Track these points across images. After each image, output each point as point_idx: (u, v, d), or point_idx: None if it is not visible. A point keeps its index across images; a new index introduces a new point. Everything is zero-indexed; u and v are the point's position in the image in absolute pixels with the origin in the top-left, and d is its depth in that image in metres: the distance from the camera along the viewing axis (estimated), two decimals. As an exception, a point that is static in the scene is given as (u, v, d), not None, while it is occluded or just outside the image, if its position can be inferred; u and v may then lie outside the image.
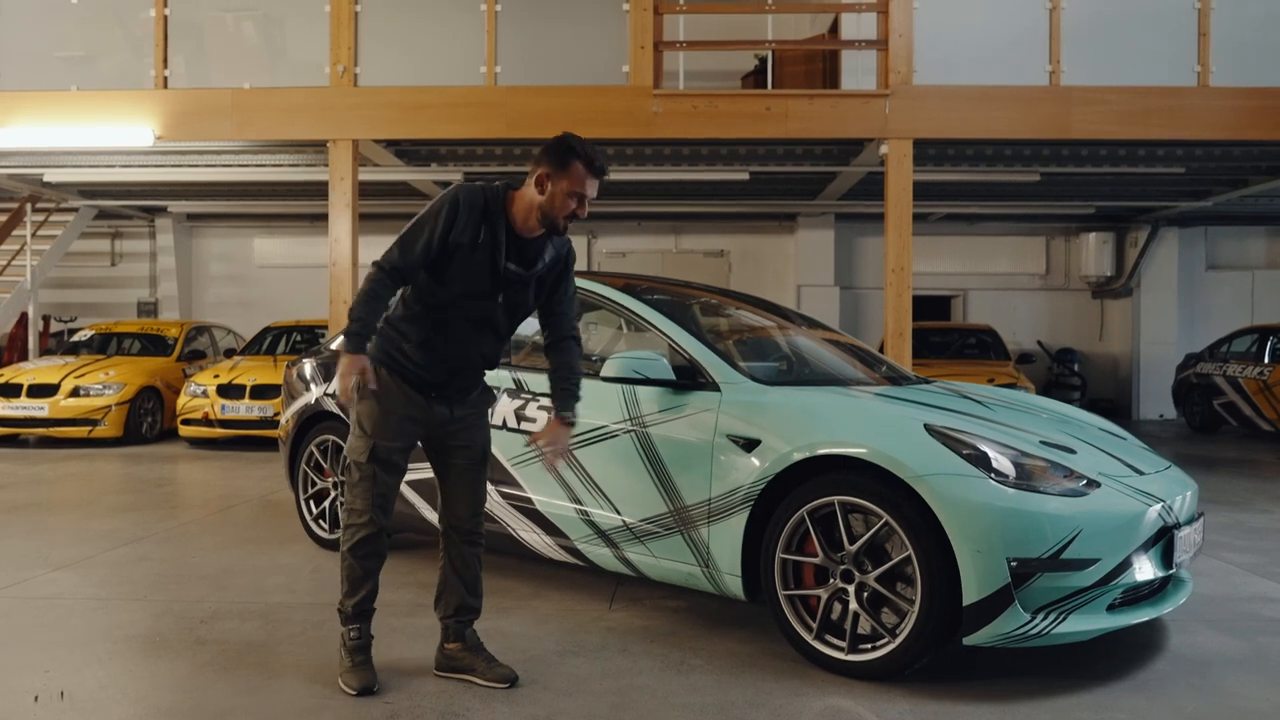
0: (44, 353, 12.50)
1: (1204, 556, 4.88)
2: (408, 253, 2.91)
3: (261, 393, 9.38)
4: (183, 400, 9.65)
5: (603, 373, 3.74)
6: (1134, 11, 8.45)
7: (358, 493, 3.04)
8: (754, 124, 8.38)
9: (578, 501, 3.88)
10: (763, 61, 9.41)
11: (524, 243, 2.99)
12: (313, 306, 12.44)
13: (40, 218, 12.49)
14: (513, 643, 3.50)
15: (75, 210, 12.89)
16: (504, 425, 4.10)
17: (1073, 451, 3.40)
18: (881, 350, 8.37)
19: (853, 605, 3.15)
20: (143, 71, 8.81)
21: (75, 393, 9.65)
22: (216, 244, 14.67)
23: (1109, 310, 14.42)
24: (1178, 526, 3.29)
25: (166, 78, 8.74)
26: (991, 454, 3.14)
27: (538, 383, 4.09)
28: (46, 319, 13.75)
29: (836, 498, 3.19)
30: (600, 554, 3.85)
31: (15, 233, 12.12)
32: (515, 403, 4.10)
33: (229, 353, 11.43)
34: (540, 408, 4.01)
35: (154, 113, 8.65)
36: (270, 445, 9.18)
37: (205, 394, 9.50)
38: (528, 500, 4.04)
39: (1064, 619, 3.02)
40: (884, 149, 8.35)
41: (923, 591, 3.01)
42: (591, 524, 3.84)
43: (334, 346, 3.03)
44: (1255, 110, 8.26)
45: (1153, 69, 8.38)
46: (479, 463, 3.19)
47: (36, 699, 2.97)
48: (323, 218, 10.85)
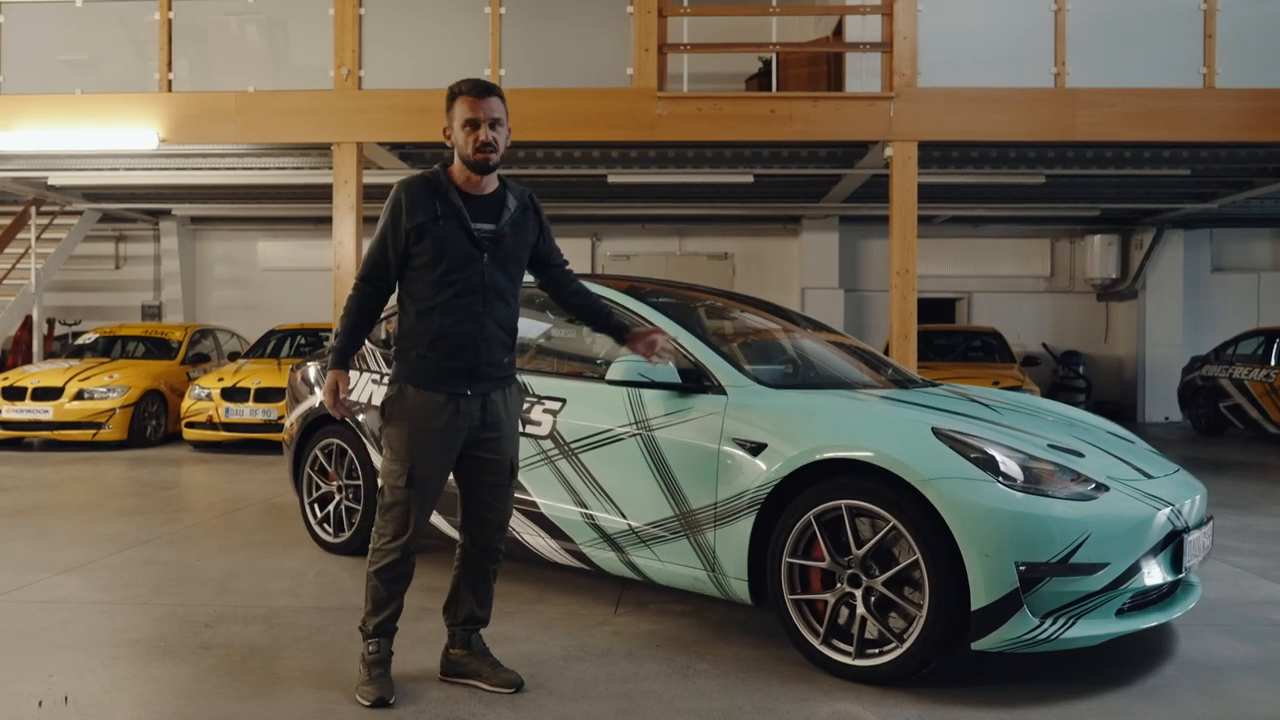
0: (48, 356, 12.51)
1: (1212, 560, 4.85)
2: (375, 257, 3.05)
3: (265, 396, 9.37)
4: (187, 403, 9.65)
5: (608, 376, 3.72)
6: (1139, 13, 8.43)
7: (390, 518, 2.99)
8: (758, 126, 8.37)
9: (583, 505, 3.86)
10: (767, 64, 9.40)
11: (481, 201, 3.08)
12: (317, 310, 12.44)
13: (45, 221, 12.49)
14: (518, 647, 3.49)
15: (80, 213, 12.89)
16: (509, 429, 4.08)
17: (1081, 455, 3.38)
18: (886, 353, 8.34)
19: (860, 610, 3.14)
20: (147, 75, 8.81)
21: (79, 396, 9.65)
22: (220, 247, 14.68)
23: (1114, 313, 14.39)
24: (1187, 530, 3.27)
25: (171, 81, 8.74)
26: (999, 457, 3.12)
27: (543, 386, 4.09)
28: (51, 322, 13.76)
29: (843, 502, 3.18)
30: (605, 558, 3.84)
31: (20, 236, 12.12)
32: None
33: (233, 356, 11.43)
34: (545, 410, 4.00)
35: (158, 116, 8.66)
36: (274, 449, 9.19)
37: (209, 397, 9.50)
38: (533, 504, 4.03)
39: (1073, 624, 3.00)
40: (888, 151, 8.33)
41: (930, 596, 2.99)
42: (597, 528, 3.82)
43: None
44: (1261, 112, 8.23)
45: (1158, 71, 8.35)
46: (508, 476, 3.14)
47: (40, 704, 2.96)
48: (327, 221, 10.83)
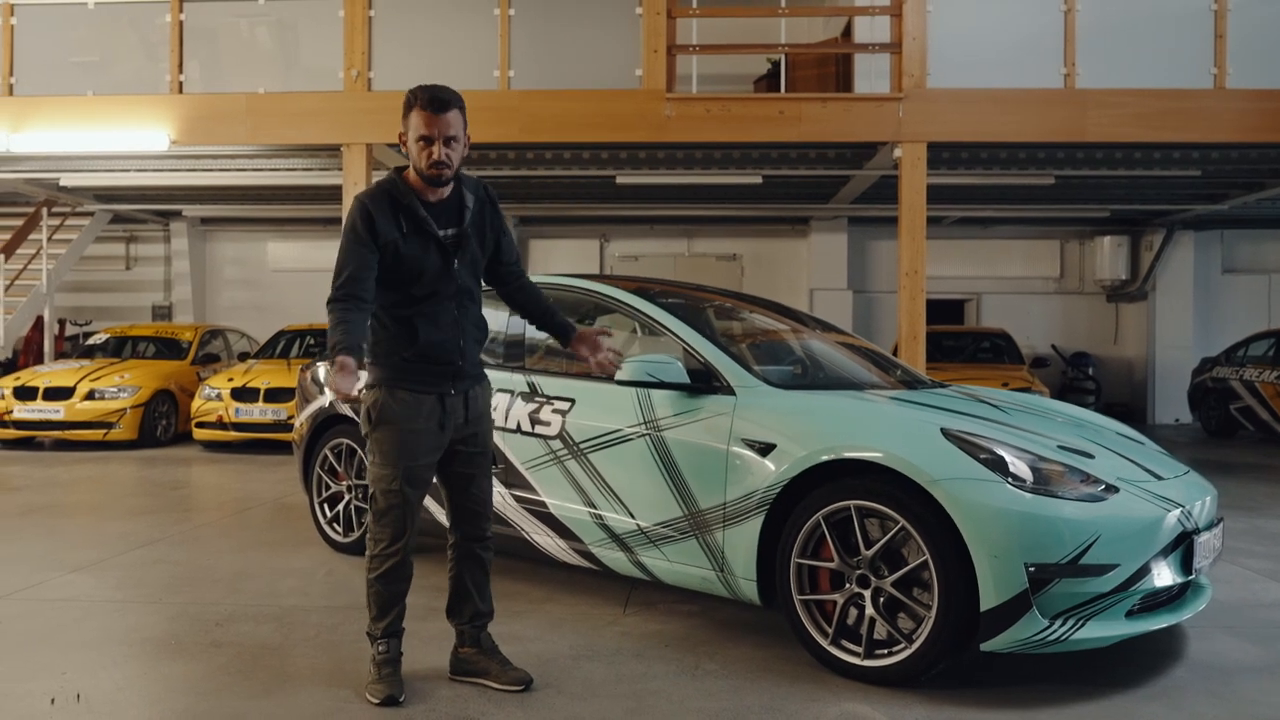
0: (59, 356, 12.58)
1: (1222, 562, 4.84)
2: (351, 268, 2.90)
3: (275, 396, 9.41)
4: (197, 403, 9.69)
5: (617, 376, 3.73)
6: (1149, 13, 8.40)
7: (386, 523, 3.00)
8: (767, 127, 8.37)
9: (591, 505, 3.87)
10: (776, 65, 9.39)
11: (443, 205, 3.03)
12: (326, 310, 12.46)
13: (56, 222, 12.56)
14: (526, 646, 3.49)
15: (91, 214, 12.96)
16: (518, 429, 4.10)
17: (1090, 456, 3.37)
18: (895, 354, 8.33)
19: (869, 610, 3.14)
20: (158, 76, 8.87)
21: (90, 396, 9.70)
22: (231, 248, 14.75)
23: (1124, 314, 14.34)
24: (1197, 532, 3.26)
25: (181, 83, 8.79)
26: (1009, 458, 3.11)
27: (552, 386, 4.10)
28: (62, 322, 13.83)
29: (852, 502, 3.17)
30: (614, 558, 3.85)
31: (31, 236, 12.18)
32: (529, 406, 4.10)
33: (243, 356, 11.48)
34: (554, 411, 4.01)
35: (169, 117, 8.70)
36: (284, 449, 9.21)
37: (219, 397, 9.54)
38: (541, 504, 4.03)
39: (1082, 625, 2.99)
40: (897, 152, 8.32)
41: (939, 597, 2.99)
42: (605, 528, 3.83)
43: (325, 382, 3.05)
44: (1272, 113, 8.19)
45: (1168, 71, 8.32)
46: (489, 463, 3.21)
47: (53, 701, 2.98)
48: (336, 222, 10.90)
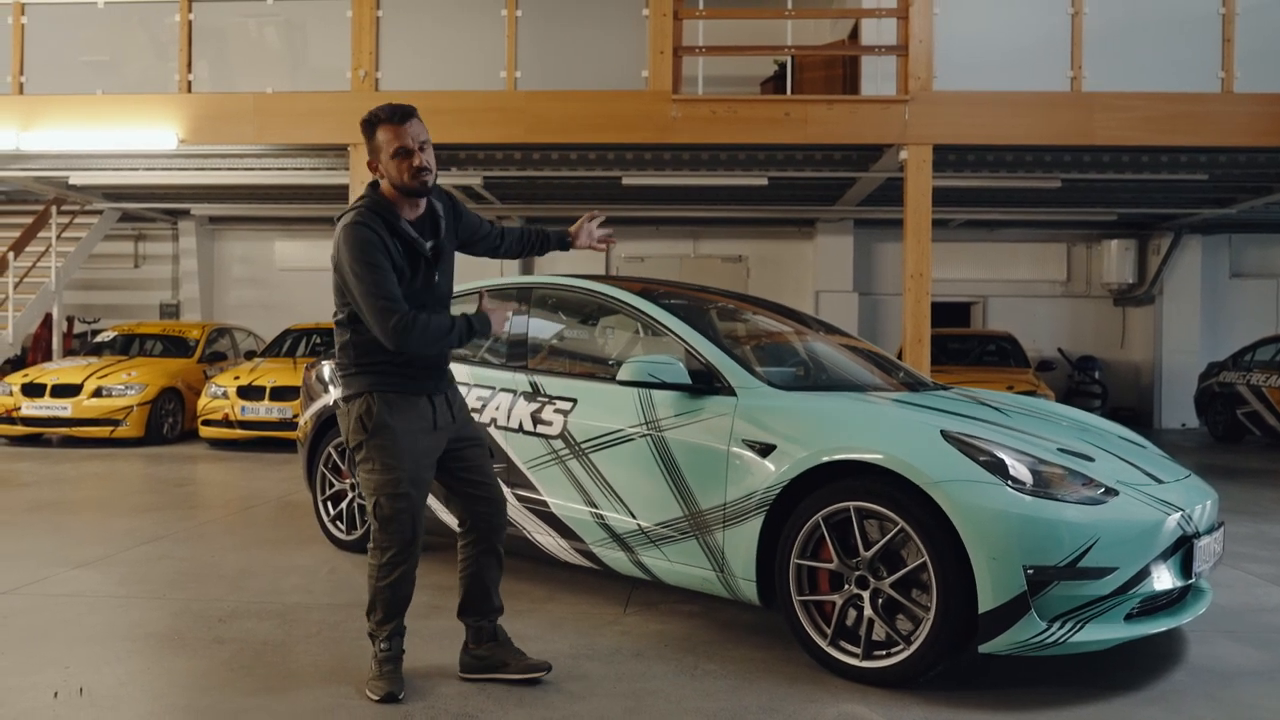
0: (67, 353, 12.64)
1: (1225, 567, 4.83)
2: (392, 293, 2.90)
3: (281, 394, 9.44)
4: (203, 401, 9.73)
5: (618, 376, 3.75)
6: (1157, 17, 8.39)
7: (394, 530, 2.98)
8: (772, 129, 8.39)
9: (593, 505, 3.89)
10: (783, 67, 9.40)
11: (419, 221, 3.06)
12: (332, 309, 12.49)
13: (65, 220, 12.63)
14: (527, 645, 3.49)
15: (100, 213, 13.03)
16: (520, 428, 4.12)
17: (1091, 459, 3.38)
18: (900, 357, 8.34)
19: (867, 611, 3.14)
20: (167, 76, 8.93)
21: (98, 393, 9.75)
22: (238, 247, 14.81)
23: (1131, 318, 14.30)
24: (1197, 536, 3.26)
25: (190, 82, 8.85)
26: (1009, 461, 3.12)
27: (554, 386, 4.12)
28: (70, 320, 13.90)
29: (852, 503, 3.18)
30: (615, 558, 3.86)
31: (41, 234, 12.25)
32: (531, 406, 4.11)
33: (249, 355, 11.53)
34: (556, 410, 4.02)
35: (177, 116, 8.75)
36: (289, 446, 9.25)
37: (225, 395, 9.58)
38: (543, 503, 4.05)
39: (1081, 628, 2.99)
40: (903, 154, 8.33)
41: (938, 598, 2.99)
42: (606, 527, 3.84)
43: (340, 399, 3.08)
44: (1280, 117, 8.19)
45: (1176, 75, 8.31)
46: (483, 447, 3.25)
47: (56, 695, 3.01)
48: (343, 221, 10.92)
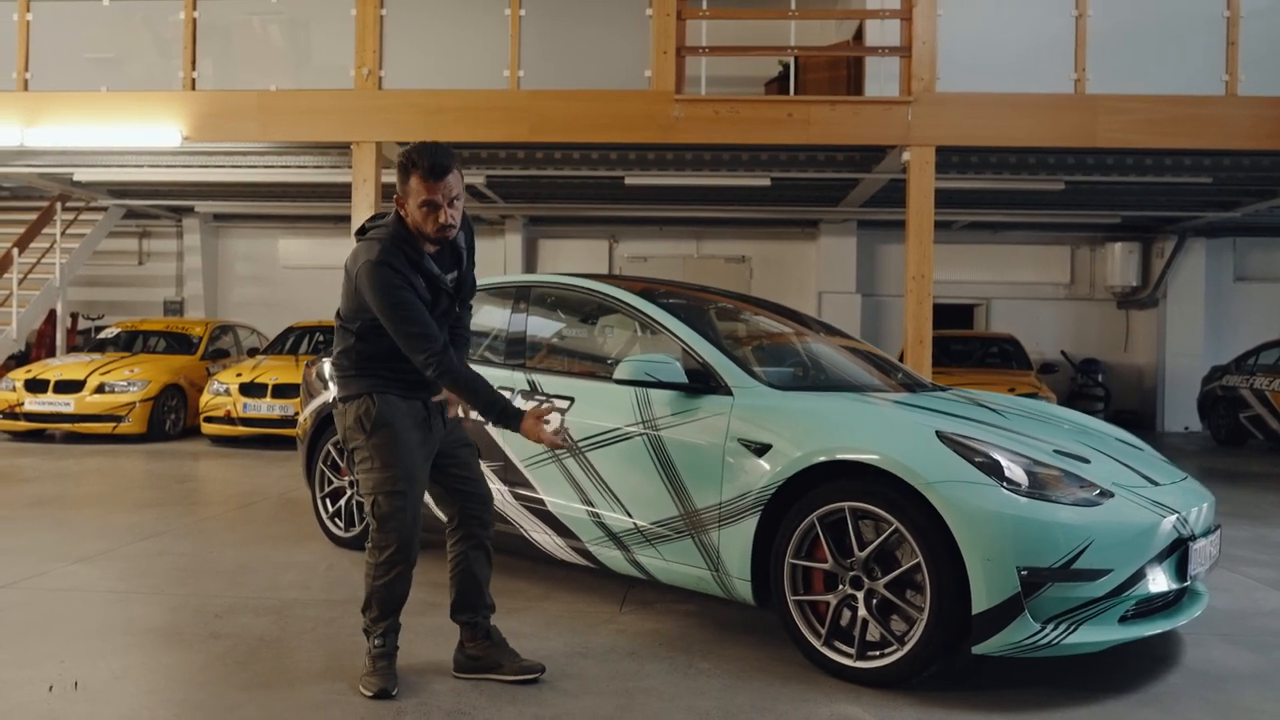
0: (71, 350, 12.67)
1: (1224, 571, 4.83)
2: (421, 327, 2.88)
3: (283, 392, 9.46)
4: (205, 398, 9.76)
5: (615, 375, 3.75)
6: (1160, 19, 8.38)
7: (392, 528, 2.98)
8: (775, 130, 8.39)
9: (589, 503, 3.89)
10: (787, 68, 9.40)
11: (441, 254, 3.06)
12: (335, 307, 12.49)
13: (70, 216, 12.66)
14: (521, 643, 3.49)
15: (104, 209, 13.08)
16: (518, 426, 4.12)
17: (1087, 461, 3.37)
18: (901, 359, 8.33)
19: (862, 612, 3.14)
20: (171, 73, 8.95)
21: (100, 389, 9.78)
22: (242, 244, 14.84)
23: (1134, 321, 14.28)
24: (1193, 538, 3.26)
25: (194, 79, 8.87)
26: (1004, 462, 3.12)
27: (552, 384, 4.13)
28: (74, 316, 13.94)
29: (847, 504, 3.18)
30: (611, 556, 3.86)
31: (45, 231, 12.28)
32: (529, 405, 4.11)
33: (252, 352, 11.55)
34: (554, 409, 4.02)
35: (181, 114, 8.77)
36: (291, 444, 9.25)
37: (227, 392, 9.60)
38: (540, 501, 4.06)
39: (1075, 629, 2.99)
40: (906, 156, 8.33)
41: (932, 599, 2.99)
42: (602, 526, 3.85)
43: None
44: (1285, 120, 8.17)
45: (1180, 77, 8.30)
46: (472, 447, 3.28)
47: (51, 688, 3.02)
48: (346, 219, 10.96)
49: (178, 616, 3.82)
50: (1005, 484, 3.04)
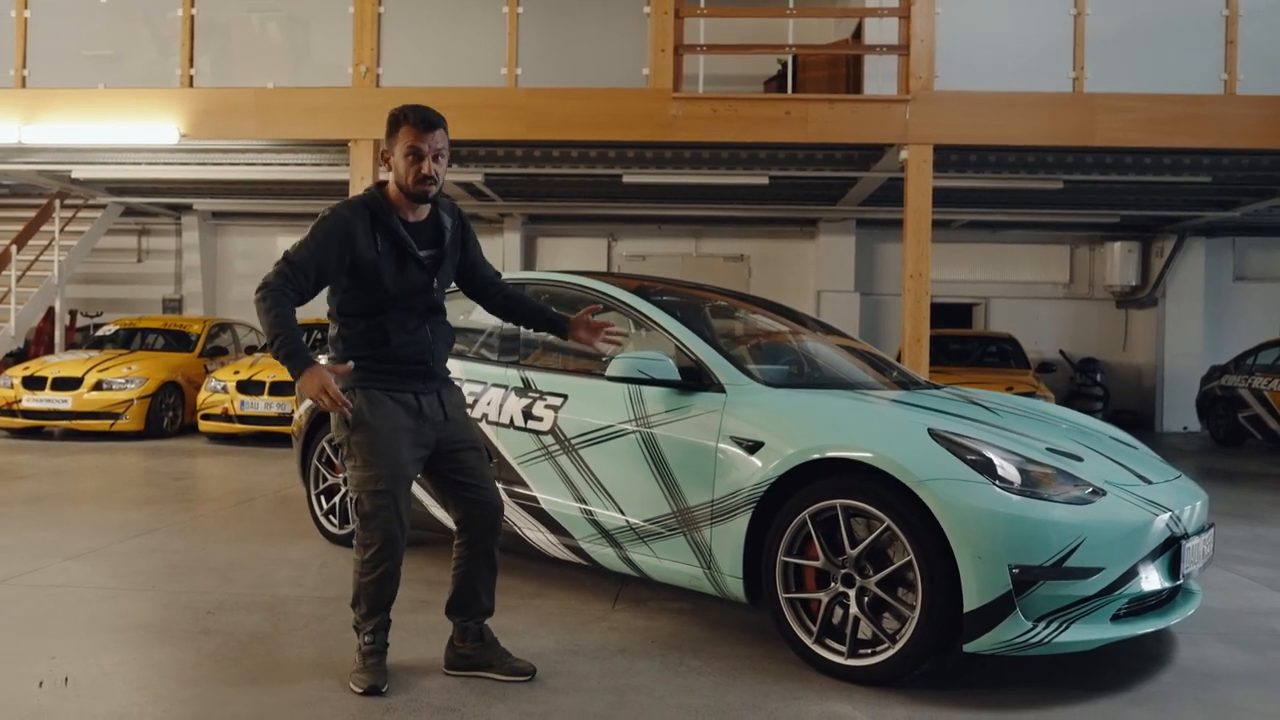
0: (69, 347, 12.68)
1: (1220, 570, 4.82)
2: (302, 266, 2.91)
3: (280, 389, 9.44)
4: (203, 395, 9.75)
5: (608, 372, 3.74)
6: (1159, 18, 8.37)
7: (376, 526, 2.96)
8: (773, 128, 8.37)
9: (582, 501, 3.88)
10: (785, 66, 9.39)
11: (420, 226, 3.07)
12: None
13: (68, 214, 12.66)
14: (513, 641, 3.49)
15: (103, 207, 13.07)
16: (511, 424, 4.12)
17: (1079, 459, 3.36)
18: (899, 357, 8.32)
19: (853, 610, 3.14)
20: (169, 70, 8.93)
21: (98, 386, 9.78)
22: (241, 242, 14.84)
23: (1133, 320, 14.27)
24: (1186, 537, 3.25)
25: (192, 76, 8.85)
26: (996, 460, 3.11)
27: (546, 382, 4.12)
28: (73, 314, 13.94)
29: (838, 501, 3.17)
30: (604, 554, 3.86)
31: (44, 228, 12.29)
32: (523, 401, 4.11)
33: (250, 350, 11.55)
34: (547, 406, 4.02)
35: (179, 111, 8.76)
36: (288, 441, 9.22)
37: (225, 390, 9.60)
38: (533, 499, 4.05)
39: (1066, 628, 2.98)
40: (904, 154, 8.31)
41: (923, 597, 2.99)
42: (596, 523, 3.84)
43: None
44: (1284, 119, 8.15)
45: (1179, 76, 8.28)
46: (485, 456, 3.22)
47: (41, 685, 3.01)
48: (344, 217, 10.92)
49: (169, 613, 3.82)
50: (997, 482, 3.04)
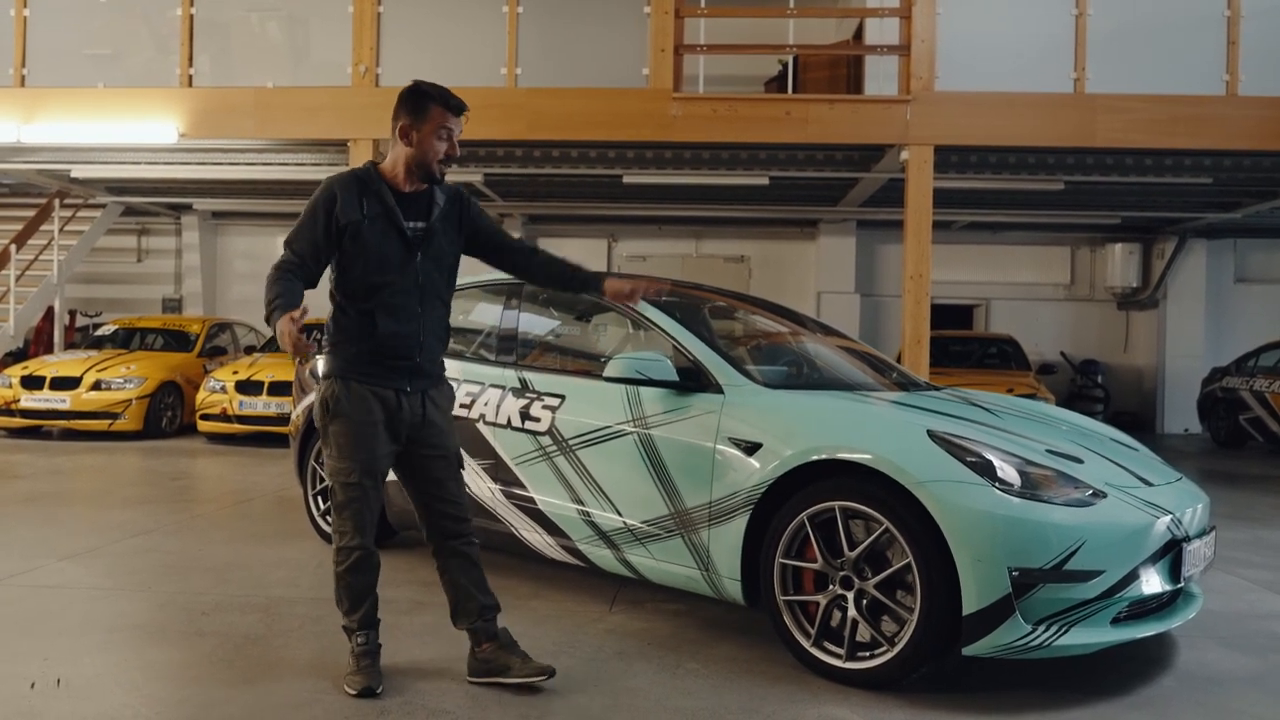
0: (69, 346, 12.66)
1: (1221, 573, 4.80)
2: (298, 244, 2.97)
3: (279, 389, 9.43)
4: (202, 395, 9.74)
5: (606, 372, 3.72)
6: (1161, 19, 8.34)
7: (347, 516, 2.98)
8: (773, 128, 8.35)
9: (579, 502, 3.86)
10: (786, 66, 9.37)
11: (412, 199, 3.06)
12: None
13: (68, 213, 12.64)
14: (510, 642, 3.48)
15: (102, 206, 13.05)
16: (509, 424, 4.09)
17: (1080, 461, 3.34)
18: (899, 359, 8.29)
19: (852, 612, 3.11)
20: (168, 69, 8.91)
21: (97, 386, 9.76)
22: (240, 242, 14.81)
23: (1134, 322, 14.24)
24: (1187, 540, 3.22)
25: (191, 76, 8.84)
26: (996, 462, 3.08)
27: (543, 382, 4.09)
28: (73, 313, 13.92)
29: (837, 503, 3.15)
30: (601, 555, 3.83)
31: (43, 228, 12.27)
32: (520, 402, 4.09)
33: (249, 350, 11.52)
34: (545, 406, 4.00)
35: (179, 110, 8.74)
36: (287, 442, 9.23)
37: (224, 390, 9.58)
38: (530, 500, 4.03)
39: (1066, 631, 2.96)
40: (904, 155, 8.29)
41: (922, 600, 2.96)
42: (593, 525, 3.82)
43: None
44: (1285, 121, 8.13)
45: (1180, 77, 8.26)
46: (455, 465, 3.15)
47: (33, 686, 2.99)
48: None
49: (164, 614, 3.80)
50: (997, 484, 3.01)
